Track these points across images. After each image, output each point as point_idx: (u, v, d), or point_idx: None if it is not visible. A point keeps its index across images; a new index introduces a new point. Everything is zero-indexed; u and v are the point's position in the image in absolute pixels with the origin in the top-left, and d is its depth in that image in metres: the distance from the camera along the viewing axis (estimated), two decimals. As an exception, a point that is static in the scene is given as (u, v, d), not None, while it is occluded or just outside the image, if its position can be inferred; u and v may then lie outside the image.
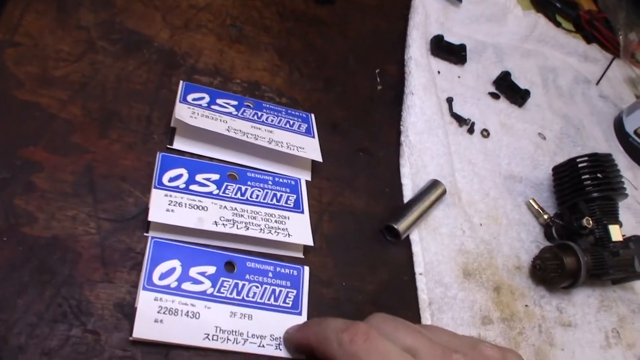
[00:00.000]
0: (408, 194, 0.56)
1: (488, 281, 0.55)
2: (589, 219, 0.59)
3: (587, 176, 0.62)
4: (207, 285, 0.41)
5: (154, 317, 0.38)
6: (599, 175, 0.61)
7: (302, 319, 0.44)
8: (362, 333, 0.36)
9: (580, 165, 0.63)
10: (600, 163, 0.62)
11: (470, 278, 0.54)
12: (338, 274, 0.49)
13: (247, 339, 0.41)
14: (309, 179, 0.53)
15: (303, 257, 0.48)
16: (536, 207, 0.64)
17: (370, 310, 0.48)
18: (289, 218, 0.48)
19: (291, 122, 0.54)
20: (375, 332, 0.36)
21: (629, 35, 0.99)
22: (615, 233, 0.61)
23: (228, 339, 0.40)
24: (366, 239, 0.52)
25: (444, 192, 0.55)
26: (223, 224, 0.44)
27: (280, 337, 0.42)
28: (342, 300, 0.48)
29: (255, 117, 0.53)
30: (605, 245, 0.60)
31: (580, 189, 0.62)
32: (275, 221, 0.47)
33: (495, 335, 0.53)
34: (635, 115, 0.81)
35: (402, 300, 0.50)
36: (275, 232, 0.46)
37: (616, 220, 0.62)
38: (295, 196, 0.50)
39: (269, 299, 0.43)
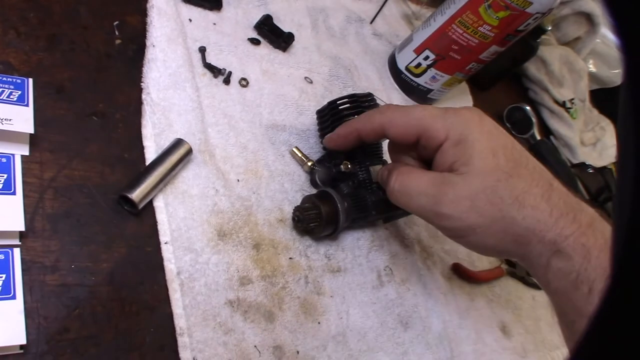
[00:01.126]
0: (151, 158, 0.53)
1: (246, 239, 0.55)
2: (347, 162, 0.60)
3: (347, 118, 0.62)
4: None
5: None
6: (357, 116, 0.62)
7: (18, 303, 0.41)
8: None
9: (340, 107, 0.63)
10: (359, 103, 0.63)
11: (226, 239, 0.53)
12: (65, 257, 0.45)
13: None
14: (27, 153, 0.47)
15: (19, 243, 0.43)
16: (299, 155, 0.64)
17: (106, 292, 0.46)
18: (-6, 202, 0.43)
19: (-1, 90, 0.48)
20: None
21: (405, -29, 1.01)
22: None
23: None
24: (100, 213, 0.49)
25: (189, 151, 0.53)
26: None
27: None
28: (71, 285, 0.44)
29: (-49, 88, 0.46)
30: (367, 187, 0.62)
31: (342, 131, 0.62)
32: (-23, 208, 0.42)
33: (256, 295, 0.53)
34: (406, 51, 0.84)
35: (146, 274, 0.48)
36: (-24, 220, 0.41)
37: (380, 160, 0.64)
38: (5, 176, 0.45)
39: (-32, 292, 0.39)
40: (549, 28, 1.02)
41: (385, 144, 0.65)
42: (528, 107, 1.06)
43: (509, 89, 1.15)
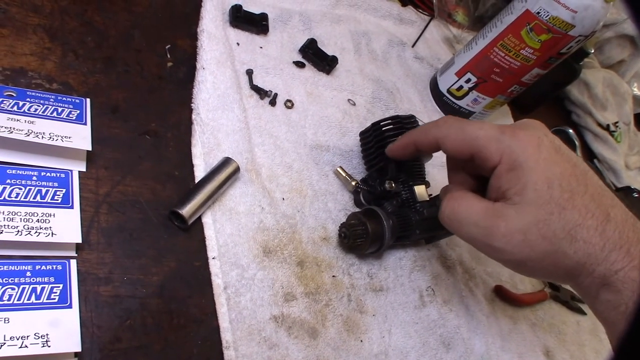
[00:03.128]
0: (200, 175, 0.54)
1: (291, 256, 0.56)
2: (391, 182, 0.61)
3: (390, 139, 0.63)
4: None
5: None
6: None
7: (74, 311, 0.43)
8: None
9: (383, 128, 0.64)
10: (402, 125, 0.64)
11: (271, 256, 0.55)
12: (118, 269, 0.47)
13: (5, 343, 0.39)
14: (84, 169, 0.50)
15: (75, 255, 0.45)
16: (344, 174, 0.65)
17: (156, 304, 0.47)
18: (54, 215, 0.45)
19: (60, 109, 0.51)
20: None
21: (446, -4, 1.03)
22: (421, 193, 0.63)
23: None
24: (152, 228, 0.50)
25: (237, 169, 0.55)
26: (-33, 231, 0.41)
27: (47, 334, 0.40)
28: (123, 296, 0.46)
29: (16, 107, 0.49)
30: (411, 206, 0.62)
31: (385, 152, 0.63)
32: (38, 220, 0.44)
33: (299, 311, 0.53)
34: (447, 74, 0.85)
35: (194, 288, 0.50)
36: (36, 232, 0.44)
37: (422, 181, 0.65)
38: (64, 190, 0.47)
39: (28, 299, 0.42)
40: (592, 51, 1.02)
41: (427, 165, 0.66)
42: (571, 130, 1.05)
43: (551, 111, 1.14)
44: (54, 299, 0.42)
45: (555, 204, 0.45)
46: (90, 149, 0.49)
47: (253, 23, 0.70)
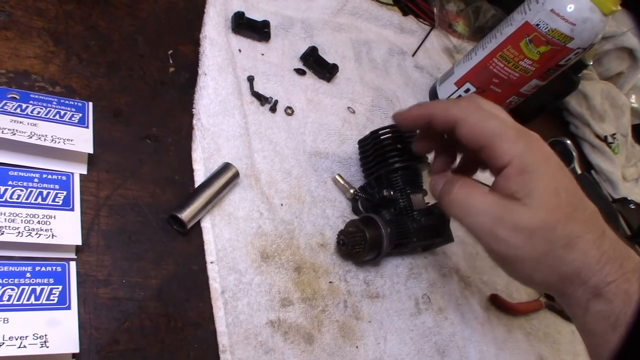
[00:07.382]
0: (200, 180, 0.55)
1: (288, 262, 0.56)
2: (389, 189, 0.61)
3: (389, 147, 0.64)
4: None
5: None
6: (399, 146, 0.64)
7: (72, 313, 0.43)
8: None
9: (382, 137, 0.65)
10: (401, 133, 0.65)
11: (269, 261, 0.55)
12: (117, 272, 0.47)
13: (4, 343, 0.39)
14: (85, 172, 0.50)
15: (75, 257, 0.46)
16: (342, 182, 0.65)
17: (154, 307, 0.47)
18: (55, 217, 0.46)
19: (62, 112, 0.51)
20: None
21: (447, 6, 1.03)
22: (418, 202, 0.64)
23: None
24: (151, 231, 0.51)
25: (236, 174, 0.55)
26: (-32, 231, 0.41)
27: (45, 335, 0.41)
28: (121, 298, 0.46)
29: (19, 110, 0.49)
30: (409, 214, 0.63)
31: (383, 160, 0.64)
32: (39, 222, 0.45)
33: (296, 316, 0.54)
34: (447, 84, 0.86)
35: (192, 292, 0.50)
36: (37, 234, 0.44)
37: (420, 189, 0.65)
38: (65, 193, 0.48)
39: (28, 299, 0.42)
40: (590, 63, 1.02)
41: (425, 173, 0.67)
42: (568, 141, 1.06)
43: (549, 122, 1.15)
44: (53, 300, 0.43)
45: (562, 213, 0.47)
46: (91, 152, 0.49)
47: (255, 30, 0.71)
